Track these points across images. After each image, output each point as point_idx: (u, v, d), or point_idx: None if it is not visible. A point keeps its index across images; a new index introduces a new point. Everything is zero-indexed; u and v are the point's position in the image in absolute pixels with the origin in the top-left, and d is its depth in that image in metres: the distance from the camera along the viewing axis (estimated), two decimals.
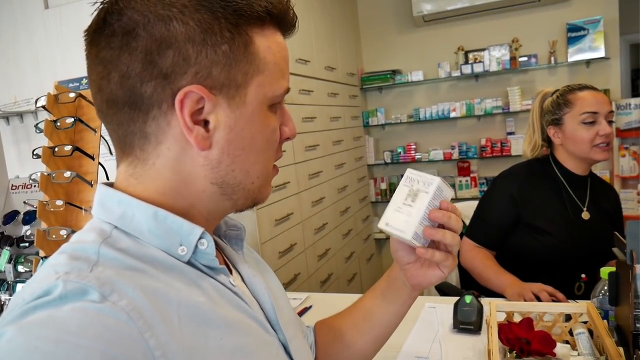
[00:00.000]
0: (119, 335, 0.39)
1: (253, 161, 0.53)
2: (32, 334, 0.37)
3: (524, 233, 1.51)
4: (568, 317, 1.01)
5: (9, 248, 1.20)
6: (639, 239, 0.76)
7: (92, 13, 0.49)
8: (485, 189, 3.45)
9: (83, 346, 0.37)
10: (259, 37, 0.51)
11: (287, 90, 0.56)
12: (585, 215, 1.49)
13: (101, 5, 0.49)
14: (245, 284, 0.62)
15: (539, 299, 1.23)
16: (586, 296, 1.38)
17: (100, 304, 0.40)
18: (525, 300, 1.22)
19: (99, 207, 0.52)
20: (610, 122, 1.43)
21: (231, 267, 0.62)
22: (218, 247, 0.63)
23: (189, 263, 0.51)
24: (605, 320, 0.90)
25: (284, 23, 0.55)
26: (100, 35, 0.48)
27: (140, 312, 0.41)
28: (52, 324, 0.37)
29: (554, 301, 1.21)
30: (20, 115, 2.16)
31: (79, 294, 0.40)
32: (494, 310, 0.95)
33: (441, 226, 0.64)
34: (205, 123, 0.50)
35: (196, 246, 0.51)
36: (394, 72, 3.66)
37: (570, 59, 3.20)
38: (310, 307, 1.46)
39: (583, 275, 1.43)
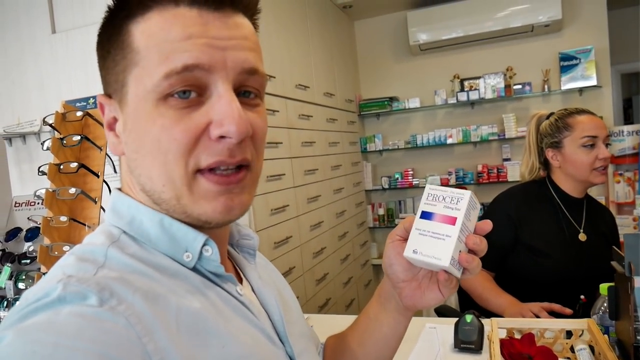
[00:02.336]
0: (117, 339, 0.39)
1: (149, 165, 0.47)
2: (30, 338, 0.37)
3: (522, 254, 1.51)
4: (569, 334, 1.01)
5: (10, 265, 1.20)
6: (637, 251, 0.77)
7: None
8: (482, 214, 3.49)
9: (80, 349, 0.36)
10: (135, 25, 0.46)
11: (186, 69, 0.44)
12: (582, 237, 1.50)
13: None
14: (255, 294, 0.61)
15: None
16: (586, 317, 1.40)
17: (99, 308, 0.40)
18: None
19: (111, 211, 0.53)
20: (607, 145, 1.46)
21: (242, 276, 0.62)
22: (230, 256, 0.63)
23: (195, 270, 0.51)
24: (606, 336, 0.91)
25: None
26: None
27: (139, 317, 0.41)
28: (50, 327, 0.37)
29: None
30: (23, 136, 2.18)
31: (77, 298, 0.40)
32: (496, 326, 0.95)
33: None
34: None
35: (201, 253, 0.51)
36: (391, 99, 3.73)
37: (564, 87, 3.28)
38: (311, 327, 1.45)
39: (582, 297, 1.43)
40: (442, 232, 0.55)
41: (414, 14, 3.48)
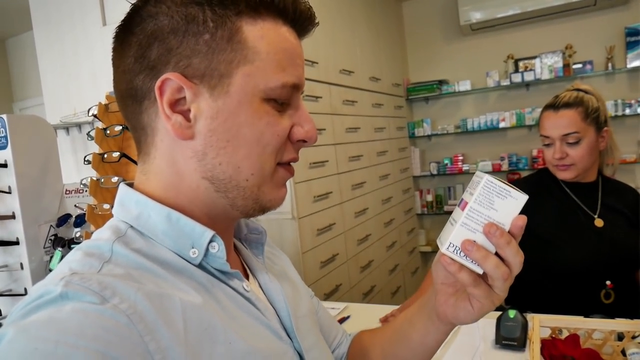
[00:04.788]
0: (118, 337, 0.39)
1: (243, 156, 0.50)
2: (31, 335, 0.37)
3: (537, 248, 1.40)
4: (620, 336, 0.94)
5: (61, 249, 1.26)
6: None
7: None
8: None
9: (81, 347, 0.36)
10: (249, 26, 0.49)
11: (294, 87, 0.51)
12: (599, 222, 1.40)
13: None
14: (262, 289, 0.61)
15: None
16: (617, 304, 1.34)
17: (101, 305, 0.40)
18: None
19: (119, 206, 0.53)
20: (573, 144, 1.36)
21: (248, 271, 0.62)
22: (237, 250, 0.63)
23: (200, 267, 0.51)
24: None
25: (289, 15, 0.52)
26: (115, 40, 0.53)
27: (142, 316, 0.41)
28: (52, 324, 0.37)
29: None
30: (79, 126, 2.29)
31: (79, 295, 0.40)
32: (537, 325, 0.90)
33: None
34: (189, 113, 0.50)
35: (207, 249, 0.51)
36: (441, 82, 3.60)
37: (630, 65, 3.04)
38: (348, 317, 1.44)
39: (608, 282, 1.34)
40: (455, 218, 0.52)
41: None
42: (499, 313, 1.18)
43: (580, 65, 3.16)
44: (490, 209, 0.49)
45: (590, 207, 1.42)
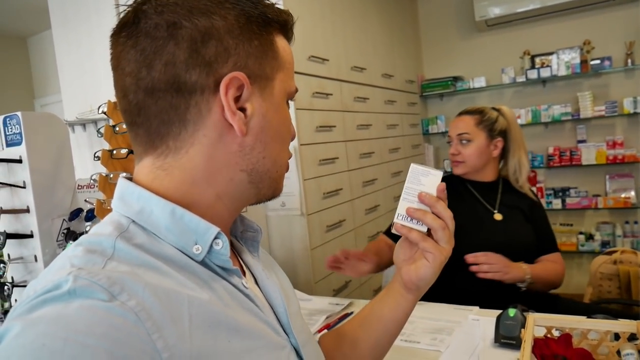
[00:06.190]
0: (127, 336, 0.39)
1: (279, 150, 0.58)
2: (39, 331, 0.36)
3: None
4: (617, 337, 0.93)
5: (72, 242, 1.31)
6: None
7: (119, 13, 0.53)
8: (553, 200, 3.28)
9: (90, 345, 0.36)
10: (278, 39, 0.56)
11: (296, 91, 0.60)
12: (498, 216, 1.62)
13: (133, 6, 0.52)
14: (258, 286, 0.62)
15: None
16: (533, 294, 1.50)
17: (109, 302, 0.39)
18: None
19: (119, 200, 0.53)
20: (465, 143, 1.63)
21: (245, 268, 0.63)
22: (233, 248, 0.64)
23: (202, 263, 0.51)
24: None
25: (290, 35, 0.60)
26: (137, 29, 0.50)
27: (149, 313, 0.41)
28: (60, 321, 0.37)
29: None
30: (95, 122, 2.35)
31: (88, 291, 0.40)
32: (531, 323, 0.90)
33: None
34: (241, 110, 0.52)
35: (211, 246, 0.51)
36: (455, 79, 3.58)
37: None
38: (352, 313, 1.46)
39: None
40: (399, 199, 0.69)
41: None
42: (499, 312, 1.18)
43: (598, 62, 3.10)
44: (419, 185, 0.68)
45: (490, 204, 1.65)
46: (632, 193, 3.14)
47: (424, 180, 0.69)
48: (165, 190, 0.52)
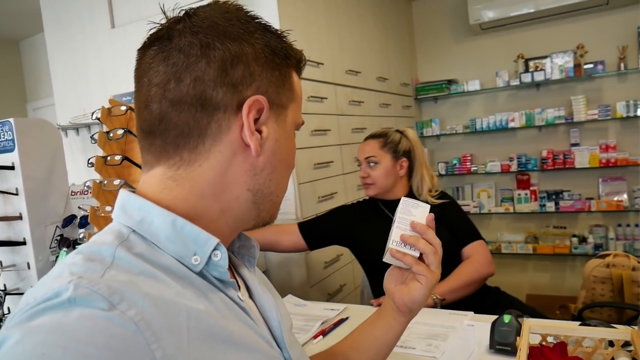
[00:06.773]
0: (126, 346, 0.39)
1: (284, 175, 0.61)
2: (39, 339, 0.36)
3: (367, 254, 1.75)
4: (611, 344, 0.94)
5: (66, 249, 1.30)
6: None
7: (151, 29, 0.57)
8: (547, 203, 3.30)
9: (90, 355, 0.36)
10: (293, 74, 0.61)
11: (303, 123, 0.65)
12: None
13: (165, 24, 0.55)
14: (253, 300, 0.62)
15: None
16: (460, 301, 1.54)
17: (109, 312, 0.39)
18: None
19: (120, 210, 0.53)
20: (372, 166, 1.73)
21: (240, 282, 0.63)
22: (230, 261, 0.64)
23: (200, 274, 0.52)
24: None
25: (301, 72, 0.65)
26: (169, 45, 0.53)
27: (149, 323, 0.41)
28: (60, 330, 0.37)
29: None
30: (89, 126, 2.34)
31: (88, 300, 0.40)
32: (526, 330, 0.90)
33: None
34: (258, 132, 0.55)
35: (210, 257, 0.52)
36: (450, 82, 3.59)
37: None
38: (347, 318, 1.46)
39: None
40: (392, 228, 0.75)
41: None
42: (494, 317, 1.19)
43: (591, 66, 3.12)
44: (410, 215, 0.75)
45: None
46: (625, 196, 3.16)
47: (414, 212, 0.75)
48: (173, 200, 0.53)
